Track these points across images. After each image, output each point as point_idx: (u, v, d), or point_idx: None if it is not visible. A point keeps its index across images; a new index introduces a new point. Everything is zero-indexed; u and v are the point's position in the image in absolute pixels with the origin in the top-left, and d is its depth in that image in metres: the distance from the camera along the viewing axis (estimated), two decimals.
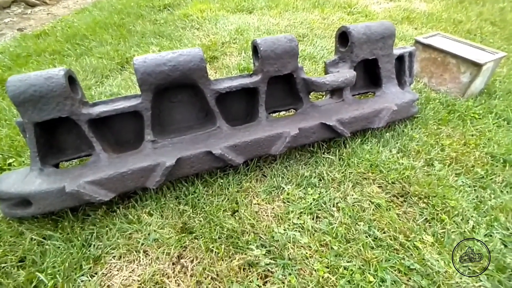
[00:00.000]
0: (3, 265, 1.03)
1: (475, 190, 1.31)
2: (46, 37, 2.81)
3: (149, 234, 1.14)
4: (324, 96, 1.78)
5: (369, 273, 1.01)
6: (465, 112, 1.74)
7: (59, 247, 1.09)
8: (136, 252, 1.09)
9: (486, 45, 2.49)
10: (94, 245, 1.10)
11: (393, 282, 0.99)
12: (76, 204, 1.15)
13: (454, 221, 1.17)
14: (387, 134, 1.58)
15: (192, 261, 1.06)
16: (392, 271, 1.02)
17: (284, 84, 1.53)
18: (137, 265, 1.05)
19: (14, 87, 1.08)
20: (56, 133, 1.27)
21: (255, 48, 1.40)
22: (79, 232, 1.14)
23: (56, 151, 1.30)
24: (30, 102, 1.10)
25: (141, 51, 2.51)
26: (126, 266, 1.05)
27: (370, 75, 1.74)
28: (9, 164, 1.43)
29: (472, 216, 1.19)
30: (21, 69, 2.23)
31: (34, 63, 2.33)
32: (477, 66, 1.75)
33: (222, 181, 1.34)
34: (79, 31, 2.86)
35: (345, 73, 1.45)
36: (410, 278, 1.01)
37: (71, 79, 1.20)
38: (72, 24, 3.10)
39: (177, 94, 1.37)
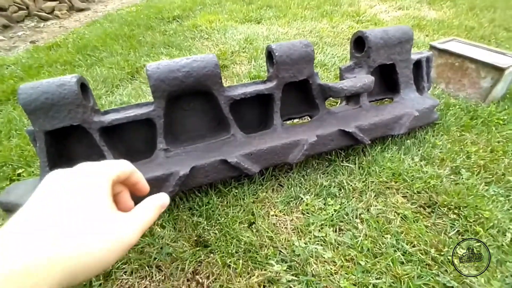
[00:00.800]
0: None
1: (509, 200, 1.22)
2: (57, 49, 2.84)
3: (162, 248, 1.07)
4: (339, 103, 1.72)
5: None
6: (489, 118, 1.67)
7: None
8: (148, 267, 1.02)
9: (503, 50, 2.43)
10: None
11: None
12: None
13: (489, 234, 1.08)
14: (408, 141, 1.51)
15: (208, 277, 0.99)
16: None
17: (299, 91, 1.48)
18: (150, 282, 0.98)
19: (26, 94, 1.05)
20: (66, 142, 1.24)
21: (269, 54, 1.36)
22: None
23: (66, 160, 1.26)
24: (42, 110, 1.07)
25: (151, 60, 2.51)
26: (138, 282, 0.98)
27: (386, 81, 1.68)
28: (19, 175, 1.39)
29: (509, 228, 1.10)
30: (32, 80, 2.24)
31: (45, 74, 2.34)
32: (499, 70, 1.68)
33: (236, 191, 1.28)
34: (90, 42, 2.89)
35: (363, 78, 1.40)
36: None
37: (83, 86, 1.17)
38: (83, 36, 3.14)
39: (190, 101, 1.33)
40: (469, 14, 3.50)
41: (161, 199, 0.48)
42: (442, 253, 1.03)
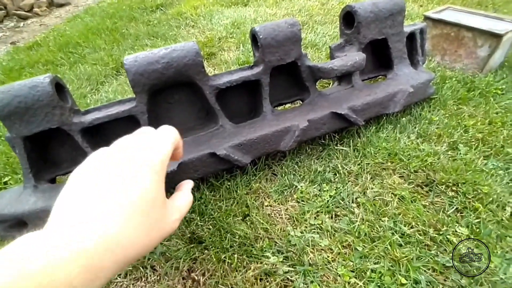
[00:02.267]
0: None
1: (508, 172, 1.18)
2: (38, 48, 2.74)
3: (155, 248, 1.05)
4: (331, 84, 1.66)
5: (400, 274, 0.91)
6: (486, 88, 1.61)
7: None
8: (142, 268, 1.00)
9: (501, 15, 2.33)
10: None
11: (428, 283, 0.89)
12: None
13: (489, 209, 1.06)
14: (404, 119, 1.46)
15: (203, 274, 0.97)
16: (425, 271, 0.92)
17: (288, 74, 1.42)
18: (145, 283, 0.97)
19: None
20: (49, 146, 1.19)
21: (254, 37, 1.29)
22: None
23: (50, 165, 1.22)
24: (16, 115, 1.02)
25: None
26: (133, 284, 0.97)
27: (379, 57, 1.61)
28: (5, 183, 1.36)
29: (508, 202, 1.07)
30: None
31: (27, 75, 2.27)
32: (497, 37, 1.60)
33: (229, 183, 1.25)
34: (72, 39, 2.79)
35: (354, 56, 1.33)
36: (447, 278, 0.90)
37: (59, 86, 1.11)
38: (64, 32, 3.02)
39: (174, 94, 1.27)
40: None
41: (192, 184, 0.56)
42: (441, 233, 1.00)
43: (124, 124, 1.24)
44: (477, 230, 1.00)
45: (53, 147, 1.20)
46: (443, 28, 1.84)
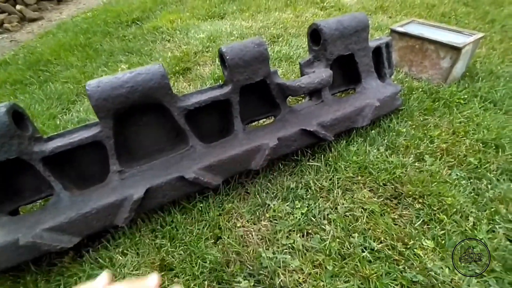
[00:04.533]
0: None
1: (470, 182, 1.23)
2: (7, 67, 2.64)
3: (124, 277, 1.02)
4: (303, 99, 1.69)
5: None
6: (450, 98, 1.68)
7: None
8: None
9: (462, 26, 2.46)
10: None
11: None
12: (36, 256, 1.01)
13: (453, 220, 1.09)
14: (373, 131, 1.50)
15: None
16: (394, 287, 0.93)
17: (258, 92, 1.43)
18: None
19: None
20: (9, 175, 1.14)
21: (222, 57, 1.30)
22: (44, 287, 1.00)
23: (12, 195, 1.16)
24: None
25: (109, 70, 2.38)
26: None
27: (347, 72, 1.65)
28: None
29: (471, 212, 1.11)
30: None
31: None
32: (456, 49, 1.69)
33: (201, 205, 1.23)
34: (43, 56, 2.71)
35: (321, 73, 1.36)
36: None
37: (18, 114, 1.07)
38: (34, 49, 2.93)
39: (142, 116, 1.25)
40: None
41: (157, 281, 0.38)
42: (408, 246, 1.03)
43: (89, 150, 1.21)
44: (442, 242, 1.03)
45: (14, 176, 1.15)
46: (408, 41, 1.92)
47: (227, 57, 1.24)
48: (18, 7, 4.18)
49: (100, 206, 1.05)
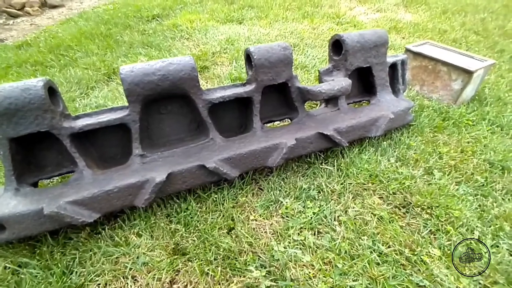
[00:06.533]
0: None
1: (477, 198, 1.28)
2: (28, 48, 2.69)
3: (137, 258, 1.04)
4: (319, 105, 1.74)
5: None
6: (459, 119, 1.74)
7: (36, 276, 0.97)
8: (123, 278, 0.99)
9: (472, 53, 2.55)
10: (76, 272, 1.00)
11: None
12: (56, 227, 1.04)
13: (459, 232, 1.13)
14: (384, 142, 1.55)
15: (186, 287, 0.97)
16: None
17: (278, 93, 1.48)
18: None
19: None
20: (34, 148, 1.17)
21: (248, 57, 1.35)
22: (59, 258, 1.03)
23: (34, 168, 1.19)
24: (5, 116, 1.00)
25: (129, 61, 2.43)
26: None
27: (364, 84, 1.72)
28: None
29: (477, 226, 1.15)
30: (0, 81, 2.11)
31: (14, 75, 2.21)
32: (468, 73, 1.76)
33: (216, 196, 1.27)
34: (64, 41, 2.76)
35: (341, 81, 1.42)
36: None
37: (52, 90, 1.11)
38: (56, 34, 2.99)
39: (167, 105, 1.30)
40: (442, 18, 3.65)
41: None
42: (415, 253, 1.06)
43: (114, 132, 1.25)
44: (449, 252, 1.07)
45: (39, 150, 1.18)
46: (422, 61, 2.00)
47: (254, 57, 1.30)
48: None
49: (122, 185, 1.09)
